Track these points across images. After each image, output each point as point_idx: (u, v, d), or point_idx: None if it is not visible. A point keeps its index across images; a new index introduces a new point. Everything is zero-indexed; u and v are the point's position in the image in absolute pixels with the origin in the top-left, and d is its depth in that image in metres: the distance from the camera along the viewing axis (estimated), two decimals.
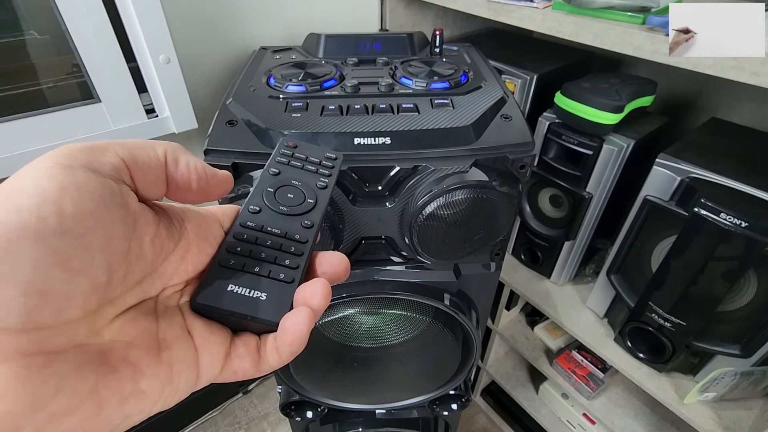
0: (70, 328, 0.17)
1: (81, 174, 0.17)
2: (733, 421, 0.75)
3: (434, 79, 0.55)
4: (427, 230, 0.49)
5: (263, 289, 0.23)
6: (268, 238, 0.25)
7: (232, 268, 0.23)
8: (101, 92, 0.67)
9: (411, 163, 0.46)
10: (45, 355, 0.16)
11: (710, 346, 0.71)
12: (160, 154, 0.21)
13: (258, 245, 0.24)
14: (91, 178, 0.17)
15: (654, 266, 0.74)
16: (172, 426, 1.25)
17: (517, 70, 0.85)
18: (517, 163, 0.47)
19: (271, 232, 0.25)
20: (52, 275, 0.16)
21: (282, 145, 0.30)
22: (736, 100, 0.87)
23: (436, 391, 0.73)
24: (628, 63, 1.00)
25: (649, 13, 0.60)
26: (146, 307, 0.21)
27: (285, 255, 0.24)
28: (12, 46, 0.65)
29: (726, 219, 0.59)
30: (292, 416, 0.78)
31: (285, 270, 0.24)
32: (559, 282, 0.98)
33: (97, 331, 0.18)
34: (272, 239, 0.25)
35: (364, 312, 0.61)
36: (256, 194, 0.27)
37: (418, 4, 0.95)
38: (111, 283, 0.18)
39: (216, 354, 0.22)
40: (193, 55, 0.76)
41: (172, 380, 0.20)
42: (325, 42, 0.65)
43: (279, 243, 0.25)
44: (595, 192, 0.80)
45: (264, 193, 0.27)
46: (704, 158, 0.66)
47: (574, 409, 1.12)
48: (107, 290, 0.18)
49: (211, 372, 0.22)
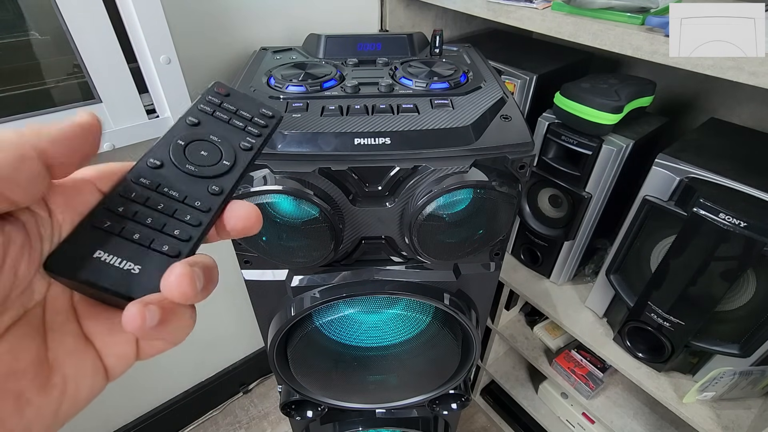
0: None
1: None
2: (732, 421, 0.75)
3: (434, 79, 0.55)
4: (427, 230, 0.49)
5: (138, 260, 0.19)
6: (161, 201, 0.21)
7: (106, 231, 0.19)
8: (102, 92, 0.67)
9: (411, 163, 0.47)
10: None
11: (709, 346, 0.71)
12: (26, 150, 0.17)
13: (146, 207, 0.20)
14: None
15: (653, 266, 0.74)
16: (172, 426, 1.25)
17: (516, 71, 0.85)
18: (516, 164, 0.48)
19: (167, 194, 0.21)
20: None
21: (210, 91, 0.25)
22: (736, 100, 0.87)
23: (436, 390, 0.73)
24: (628, 63, 1.00)
25: (649, 14, 0.60)
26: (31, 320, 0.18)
27: (177, 223, 0.20)
28: (13, 46, 0.65)
29: (725, 219, 0.59)
30: (292, 416, 0.78)
31: (172, 241, 0.20)
32: (559, 282, 0.99)
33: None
34: (166, 202, 0.21)
35: (364, 312, 0.61)
36: (161, 145, 0.22)
37: (418, 5, 0.95)
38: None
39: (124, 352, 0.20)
40: (194, 55, 0.76)
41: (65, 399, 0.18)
42: (326, 42, 0.65)
43: (173, 208, 0.21)
44: (595, 192, 0.80)
45: (172, 145, 0.22)
46: (703, 158, 0.66)
47: (574, 408, 1.13)
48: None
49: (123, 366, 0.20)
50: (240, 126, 0.25)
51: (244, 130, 0.25)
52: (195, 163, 0.22)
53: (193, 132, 0.23)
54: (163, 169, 0.22)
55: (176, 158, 0.22)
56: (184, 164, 0.22)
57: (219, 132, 0.24)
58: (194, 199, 0.21)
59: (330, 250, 0.50)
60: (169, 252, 0.20)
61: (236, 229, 0.22)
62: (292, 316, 0.56)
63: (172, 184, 0.21)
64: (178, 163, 0.22)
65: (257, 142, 0.24)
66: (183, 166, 0.22)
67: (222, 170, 0.23)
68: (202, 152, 0.23)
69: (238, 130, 0.24)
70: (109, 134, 0.69)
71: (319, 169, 0.45)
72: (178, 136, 0.23)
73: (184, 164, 0.22)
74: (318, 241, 0.49)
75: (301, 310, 0.55)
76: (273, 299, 0.59)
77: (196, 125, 0.24)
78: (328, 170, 0.46)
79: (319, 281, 0.56)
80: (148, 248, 0.19)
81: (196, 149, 0.23)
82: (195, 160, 0.22)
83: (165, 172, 0.21)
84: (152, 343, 0.20)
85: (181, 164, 0.22)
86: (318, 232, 0.48)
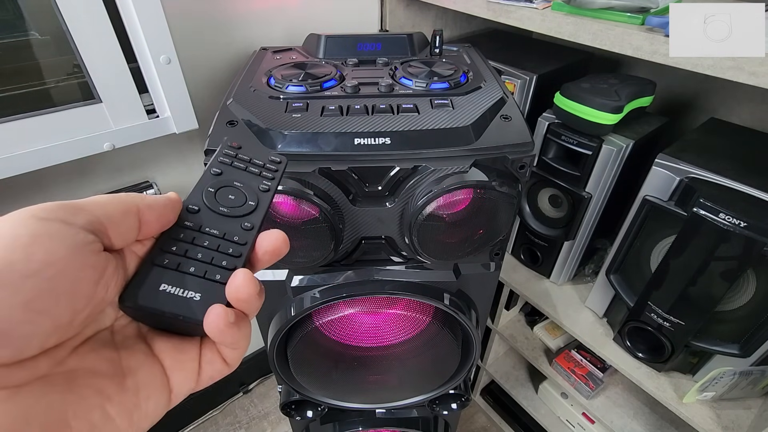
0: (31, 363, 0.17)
1: (55, 225, 0.18)
2: (732, 421, 0.75)
3: (434, 79, 0.55)
4: (427, 230, 0.49)
5: (198, 289, 0.22)
6: (205, 239, 0.24)
7: (166, 268, 0.23)
8: (102, 92, 0.67)
9: (411, 163, 0.47)
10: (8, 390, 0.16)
11: (709, 346, 0.71)
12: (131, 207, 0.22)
13: (195, 245, 0.24)
14: (64, 228, 0.18)
15: (653, 266, 0.74)
16: (172, 426, 1.25)
17: (516, 71, 0.85)
18: (516, 163, 0.48)
19: (209, 233, 0.25)
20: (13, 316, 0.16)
21: (225, 145, 0.29)
22: (735, 100, 0.87)
23: (436, 390, 0.73)
24: (628, 63, 1.00)
25: (648, 14, 0.60)
26: (103, 337, 0.21)
27: (222, 256, 0.24)
28: (13, 46, 0.65)
29: (725, 219, 0.59)
30: (292, 415, 0.78)
31: (221, 271, 0.23)
32: (559, 282, 0.99)
33: (60, 361, 0.18)
34: (210, 240, 0.24)
35: (364, 312, 0.61)
36: (195, 193, 0.26)
37: (418, 5, 0.95)
38: (73, 323, 0.19)
39: (189, 370, 0.22)
40: (194, 55, 0.76)
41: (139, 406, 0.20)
42: (326, 42, 0.65)
43: (217, 244, 0.24)
44: (595, 192, 0.80)
45: (204, 192, 0.26)
46: (703, 158, 0.66)
47: (574, 408, 1.13)
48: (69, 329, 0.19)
49: (186, 387, 0.22)
50: (256, 172, 0.29)
51: (259, 175, 0.28)
52: (226, 205, 0.26)
53: (219, 180, 0.27)
54: (201, 213, 0.25)
55: (210, 203, 0.26)
56: (218, 207, 0.26)
57: (240, 178, 0.28)
58: (232, 234, 0.25)
59: (330, 250, 0.50)
60: (221, 280, 0.23)
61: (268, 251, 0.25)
62: (292, 316, 0.56)
63: (211, 224, 0.25)
64: (212, 207, 0.26)
65: (272, 184, 0.28)
66: (217, 209, 0.26)
67: (250, 209, 0.26)
68: (230, 196, 0.27)
69: (255, 176, 0.28)
70: (109, 134, 0.69)
71: (319, 169, 0.45)
72: (207, 185, 0.27)
73: (217, 207, 0.26)
74: (318, 241, 0.49)
75: (301, 310, 0.55)
76: (273, 299, 0.59)
77: (220, 175, 0.27)
78: (328, 170, 0.46)
79: (319, 281, 0.56)
80: (203, 278, 0.23)
81: (224, 194, 0.27)
82: (225, 203, 0.26)
83: (203, 215, 0.25)
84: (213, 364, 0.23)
85: (215, 207, 0.26)
86: (318, 232, 0.48)
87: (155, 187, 0.81)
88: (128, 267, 0.22)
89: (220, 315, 0.21)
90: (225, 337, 0.22)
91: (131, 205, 0.21)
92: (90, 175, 0.77)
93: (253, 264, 0.25)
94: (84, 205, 0.20)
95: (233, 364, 0.23)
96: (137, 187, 0.80)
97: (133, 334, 0.22)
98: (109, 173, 0.79)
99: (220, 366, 0.23)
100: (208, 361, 0.23)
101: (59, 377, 0.18)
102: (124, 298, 0.21)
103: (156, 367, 0.22)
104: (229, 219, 0.26)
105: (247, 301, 0.22)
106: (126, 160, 0.80)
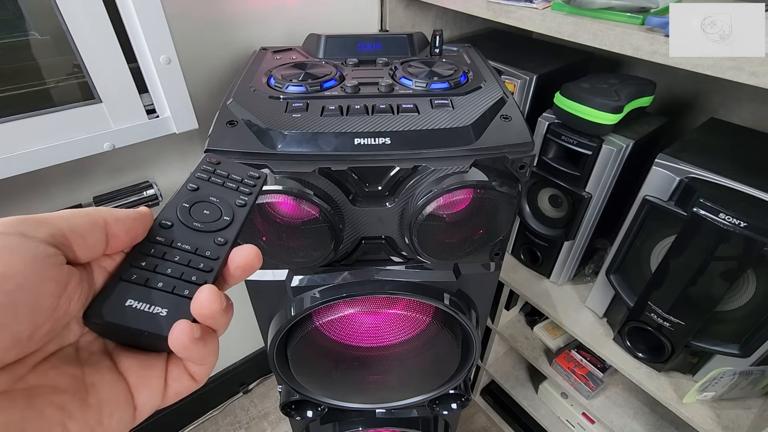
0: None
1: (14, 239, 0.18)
2: (732, 421, 0.75)
3: (434, 79, 0.55)
4: (427, 230, 0.49)
5: (165, 305, 0.22)
6: (176, 254, 0.24)
7: (133, 283, 0.22)
8: (102, 92, 0.67)
9: (411, 163, 0.47)
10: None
11: (709, 346, 0.71)
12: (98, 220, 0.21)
13: (165, 260, 0.24)
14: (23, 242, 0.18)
15: (653, 266, 0.74)
16: (172, 426, 1.25)
17: (516, 71, 0.85)
18: (516, 164, 0.48)
19: (181, 248, 0.24)
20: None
21: (204, 161, 0.30)
22: (735, 100, 0.87)
23: (436, 390, 0.73)
24: (628, 63, 1.00)
25: (648, 14, 0.60)
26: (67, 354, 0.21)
27: (193, 271, 0.24)
28: (13, 46, 0.65)
29: (725, 219, 0.59)
30: (292, 415, 0.78)
31: (191, 286, 0.23)
32: (559, 282, 0.99)
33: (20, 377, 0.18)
34: (181, 255, 0.24)
35: (364, 312, 0.61)
36: (169, 209, 0.26)
37: (418, 5, 0.95)
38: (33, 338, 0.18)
39: (155, 387, 0.22)
40: (194, 55, 0.76)
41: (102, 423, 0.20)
42: (326, 42, 0.65)
43: (188, 259, 0.24)
44: (595, 192, 0.80)
45: (179, 208, 0.26)
46: (703, 158, 0.66)
47: (574, 408, 1.13)
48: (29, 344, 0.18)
49: (151, 404, 0.22)
50: (233, 187, 0.28)
51: (236, 190, 0.28)
52: (200, 220, 0.26)
53: (195, 195, 0.27)
54: (174, 228, 0.25)
55: (183, 218, 0.26)
56: (191, 222, 0.26)
57: (216, 193, 0.28)
58: (204, 249, 0.25)
59: (330, 250, 0.50)
60: (189, 295, 0.23)
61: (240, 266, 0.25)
62: (292, 316, 0.56)
63: (184, 239, 0.25)
64: (185, 222, 0.25)
65: (249, 199, 0.28)
66: (191, 224, 0.25)
67: (224, 225, 0.26)
68: (205, 211, 0.26)
69: (232, 191, 0.28)
70: (109, 134, 0.69)
71: (319, 169, 0.45)
72: (182, 200, 0.26)
73: (191, 222, 0.26)
74: (318, 241, 0.49)
75: (301, 310, 0.55)
76: (273, 299, 0.59)
77: (196, 190, 0.27)
78: (328, 170, 0.46)
79: (319, 281, 0.56)
80: (171, 293, 0.23)
81: (200, 209, 0.26)
82: (200, 218, 0.26)
83: (176, 230, 0.25)
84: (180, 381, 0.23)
85: (189, 222, 0.25)
86: (318, 232, 0.48)
87: (155, 187, 0.81)
88: (95, 282, 0.22)
89: (185, 330, 0.21)
90: (190, 353, 0.21)
91: (98, 218, 0.21)
92: (90, 175, 0.77)
93: (226, 279, 0.25)
94: (46, 219, 0.20)
95: (201, 380, 0.23)
96: (137, 187, 0.80)
97: (98, 351, 0.22)
98: (109, 173, 0.79)
99: (187, 383, 0.23)
100: (174, 378, 0.23)
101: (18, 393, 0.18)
102: (88, 313, 0.21)
103: (121, 384, 0.21)
104: (202, 234, 0.25)
105: (211, 317, 0.22)
106: (126, 160, 0.80)
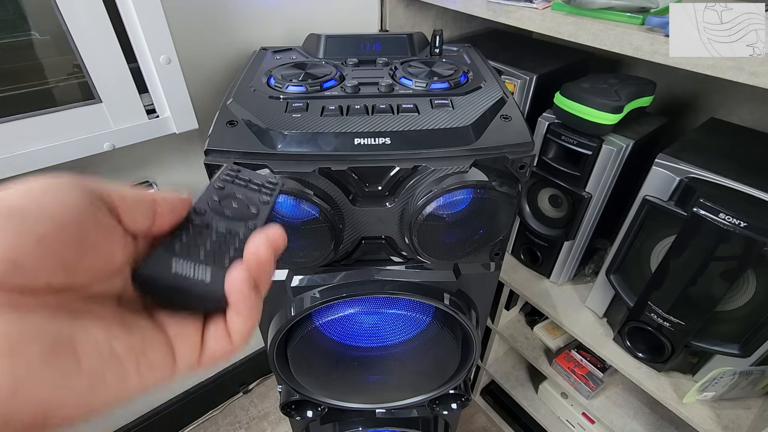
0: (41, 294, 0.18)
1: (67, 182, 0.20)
2: (732, 421, 0.75)
3: (434, 79, 0.55)
4: (427, 230, 0.49)
5: (207, 275, 0.23)
6: (213, 234, 0.26)
7: (177, 252, 0.24)
8: (102, 92, 0.67)
9: (411, 163, 0.47)
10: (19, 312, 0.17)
11: (709, 346, 0.71)
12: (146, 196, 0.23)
13: (204, 237, 0.25)
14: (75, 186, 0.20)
15: (653, 266, 0.74)
16: (172, 426, 1.25)
17: (516, 71, 0.85)
18: (516, 163, 0.48)
19: (216, 229, 0.26)
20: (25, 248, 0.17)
21: (227, 168, 0.32)
22: (735, 100, 0.87)
23: (436, 390, 0.73)
24: (627, 63, 1.00)
25: (648, 14, 0.60)
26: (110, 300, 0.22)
27: (229, 247, 0.25)
28: (13, 46, 0.65)
29: (725, 219, 0.59)
30: (292, 416, 0.78)
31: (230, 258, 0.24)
32: (559, 282, 0.99)
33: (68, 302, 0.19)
34: (217, 235, 0.26)
35: (364, 312, 0.61)
36: (201, 201, 0.27)
37: (418, 5, 0.95)
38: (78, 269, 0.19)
39: (193, 343, 0.23)
40: (194, 55, 0.76)
41: (145, 353, 0.21)
42: (326, 42, 0.65)
43: (224, 237, 0.26)
44: (595, 192, 0.80)
45: (210, 200, 0.28)
46: (703, 158, 0.66)
47: (574, 408, 1.13)
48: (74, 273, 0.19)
49: (189, 359, 0.23)
50: (255, 189, 0.31)
51: (259, 191, 0.31)
52: (231, 210, 0.28)
53: (222, 193, 0.29)
54: (207, 215, 0.27)
55: (214, 208, 0.27)
56: (223, 212, 0.27)
57: (241, 192, 0.30)
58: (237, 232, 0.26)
59: (330, 250, 0.50)
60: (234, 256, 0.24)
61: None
62: (292, 316, 0.56)
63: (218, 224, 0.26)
64: (217, 211, 0.27)
65: (271, 198, 0.31)
66: (222, 214, 0.27)
67: (252, 215, 0.28)
68: (234, 204, 0.28)
69: (255, 191, 0.31)
70: (109, 134, 0.69)
71: (319, 169, 0.45)
72: (212, 194, 0.28)
73: (222, 212, 0.27)
74: (318, 241, 0.49)
75: (301, 310, 0.55)
76: (273, 299, 0.59)
77: (223, 189, 0.30)
78: (328, 170, 0.46)
79: (319, 281, 0.56)
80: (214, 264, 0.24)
81: (228, 202, 0.28)
82: (230, 209, 0.28)
83: (209, 216, 0.27)
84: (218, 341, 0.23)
85: (220, 213, 0.27)
86: (318, 232, 0.48)
87: (155, 187, 0.81)
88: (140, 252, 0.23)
89: (242, 274, 0.22)
90: (245, 299, 0.22)
91: (146, 194, 0.23)
92: (90, 175, 0.77)
93: None
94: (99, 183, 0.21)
95: (237, 342, 0.24)
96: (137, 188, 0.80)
97: (139, 307, 0.23)
98: (109, 173, 0.79)
99: (224, 342, 0.23)
100: (212, 336, 0.23)
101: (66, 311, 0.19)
102: (137, 273, 0.22)
103: (161, 333, 0.22)
104: (233, 220, 0.27)
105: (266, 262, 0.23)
106: (126, 160, 0.80)
